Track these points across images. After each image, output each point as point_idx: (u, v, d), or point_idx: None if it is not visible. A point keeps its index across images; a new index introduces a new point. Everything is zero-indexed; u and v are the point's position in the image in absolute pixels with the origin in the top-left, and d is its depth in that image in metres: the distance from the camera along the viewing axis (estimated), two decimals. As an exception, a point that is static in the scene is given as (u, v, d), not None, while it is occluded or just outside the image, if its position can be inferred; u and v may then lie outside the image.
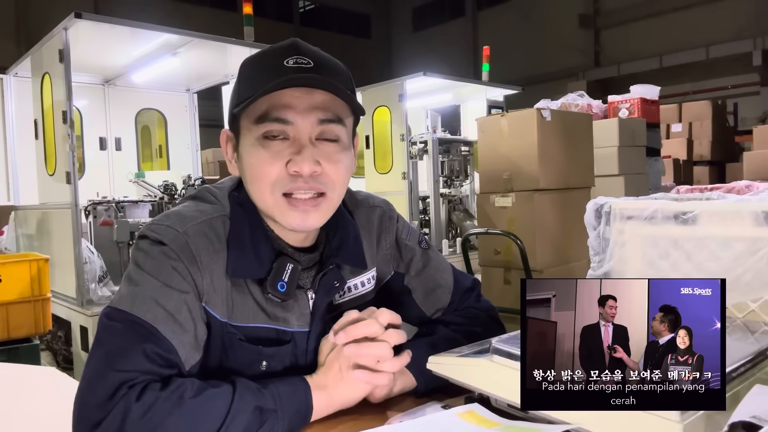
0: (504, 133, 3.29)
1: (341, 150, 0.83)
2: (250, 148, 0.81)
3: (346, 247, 0.91)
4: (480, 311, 1.01)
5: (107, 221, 3.77)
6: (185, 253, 0.78)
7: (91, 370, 0.70)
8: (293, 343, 0.86)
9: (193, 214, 0.83)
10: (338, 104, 0.81)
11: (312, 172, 0.79)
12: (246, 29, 3.97)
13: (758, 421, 0.54)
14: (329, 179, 0.82)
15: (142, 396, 0.67)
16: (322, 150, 0.81)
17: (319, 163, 0.80)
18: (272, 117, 0.79)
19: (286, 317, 0.85)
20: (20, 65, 3.94)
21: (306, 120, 0.79)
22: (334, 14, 19.19)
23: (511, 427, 0.66)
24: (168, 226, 0.80)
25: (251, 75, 0.82)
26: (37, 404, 1.24)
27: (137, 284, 0.76)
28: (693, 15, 13.67)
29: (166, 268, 0.77)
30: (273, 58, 0.80)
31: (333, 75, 0.80)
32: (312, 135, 0.80)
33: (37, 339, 2.88)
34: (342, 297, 0.92)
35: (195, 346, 0.77)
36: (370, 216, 0.99)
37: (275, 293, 0.82)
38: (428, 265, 1.01)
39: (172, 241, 0.78)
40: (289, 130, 0.79)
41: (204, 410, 0.68)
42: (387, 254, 0.99)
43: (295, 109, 0.79)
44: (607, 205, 1.28)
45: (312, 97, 0.79)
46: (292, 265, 0.83)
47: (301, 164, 0.78)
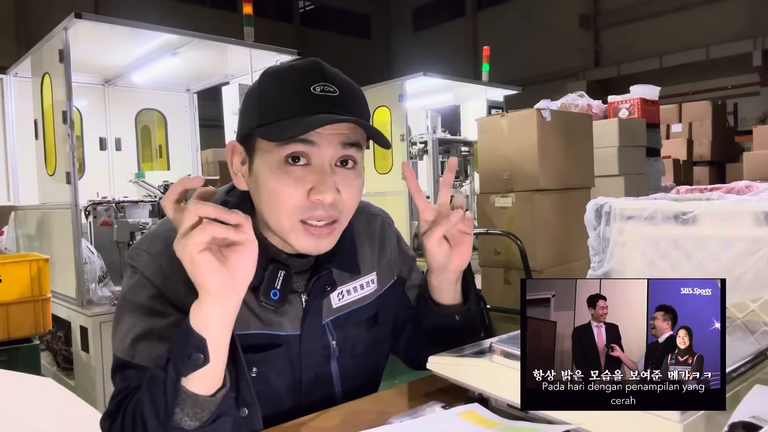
0: (504, 134, 3.29)
1: (357, 176, 0.84)
2: (270, 172, 0.79)
3: (341, 252, 0.91)
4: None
5: (107, 221, 3.77)
6: (157, 276, 0.80)
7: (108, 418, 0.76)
8: (286, 346, 0.87)
9: (167, 232, 0.80)
10: (358, 130, 0.81)
11: (333, 201, 0.79)
12: (246, 29, 3.97)
13: (758, 421, 0.54)
14: (345, 206, 0.82)
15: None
16: (341, 176, 0.81)
17: (338, 191, 0.80)
18: (299, 138, 0.77)
19: (280, 322, 0.86)
20: (20, 65, 3.94)
21: (331, 144, 0.79)
22: (334, 14, 19.19)
23: (511, 427, 0.66)
24: (142, 250, 0.83)
25: (276, 97, 0.80)
26: (32, 416, 1.23)
27: (125, 319, 0.80)
28: (693, 15, 13.67)
29: (143, 298, 0.80)
30: (298, 82, 0.79)
31: (356, 102, 0.82)
32: (333, 159, 0.80)
33: (37, 339, 2.88)
34: (341, 299, 0.93)
35: None
36: (371, 223, 1.02)
37: (268, 302, 0.83)
38: (414, 267, 1.09)
39: (145, 267, 0.81)
40: (314, 153, 0.79)
41: (142, 399, 0.71)
42: (391, 260, 1.02)
43: (321, 133, 0.78)
44: (607, 205, 1.28)
45: (338, 125, 0.79)
46: (284, 272, 0.84)
47: (324, 194, 0.78)
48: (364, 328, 0.96)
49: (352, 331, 0.94)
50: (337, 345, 0.91)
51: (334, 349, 0.91)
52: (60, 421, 0.69)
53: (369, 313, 0.97)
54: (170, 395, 0.67)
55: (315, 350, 0.89)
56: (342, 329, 0.93)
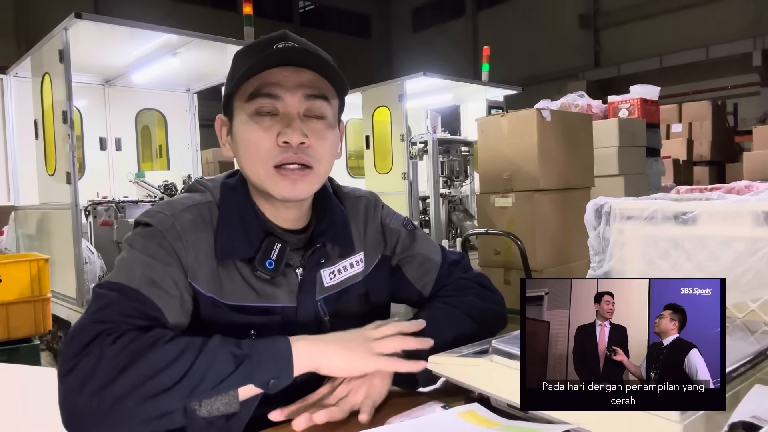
0: (504, 134, 3.29)
1: (327, 127, 0.88)
2: (243, 125, 0.86)
3: (334, 228, 0.95)
4: (468, 280, 1.04)
5: (107, 221, 3.77)
6: (171, 232, 0.83)
7: (74, 326, 0.73)
8: (282, 317, 0.89)
9: (181, 200, 0.90)
10: (324, 84, 0.87)
11: (300, 142, 0.84)
12: (246, 29, 3.98)
13: (758, 421, 0.54)
14: (316, 153, 0.86)
15: (117, 340, 0.70)
16: (310, 125, 0.86)
17: (306, 136, 0.85)
18: (263, 93, 0.84)
19: (275, 293, 0.88)
20: (20, 65, 3.94)
21: (294, 96, 0.85)
22: (334, 14, 19.19)
23: (511, 427, 0.66)
24: (157, 211, 0.87)
25: (243, 60, 0.87)
26: (35, 405, 1.24)
27: (125, 259, 0.82)
28: (693, 15, 13.67)
29: (151, 245, 0.82)
30: (263, 44, 0.87)
31: (320, 56, 0.85)
32: (300, 111, 0.86)
33: (37, 339, 2.88)
34: (333, 278, 0.95)
35: (181, 311, 0.81)
36: (356, 204, 1.04)
37: (264, 270, 0.86)
38: (415, 242, 1.05)
39: (160, 222, 0.84)
40: (279, 105, 0.85)
41: (177, 352, 0.70)
42: (373, 239, 1.03)
43: (284, 86, 0.84)
44: (607, 206, 1.28)
45: (299, 75, 0.85)
46: (280, 245, 0.88)
47: (290, 135, 0.83)
48: (355, 306, 0.98)
49: (344, 309, 0.96)
50: (329, 321, 0.93)
51: (327, 325, 0.93)
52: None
53: (358, 292, 0.98)
54: (217, 387, 0.69)
55: (309, 324, 0.91)
56: (334, 306, 0.94)
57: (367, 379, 0.79)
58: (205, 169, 6.88)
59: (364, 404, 0.76)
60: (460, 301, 0.97)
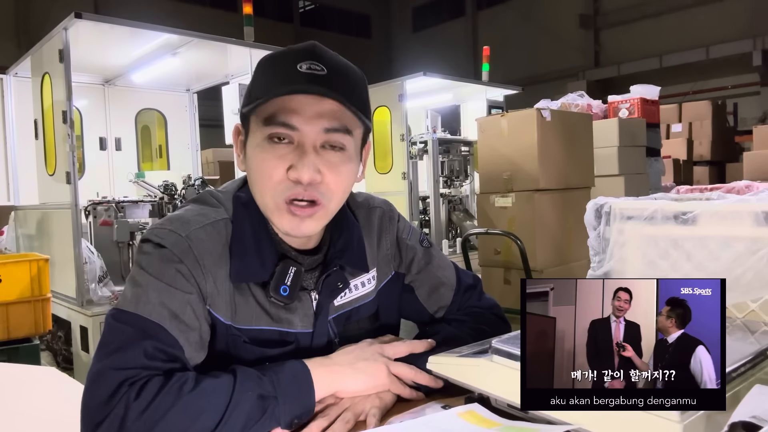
0: (504, 133, 3.29)
1: (345, 160, 0.82)
2: (256, 149, 0.81)
3: (350, 249, 0.91)
4: (483, 309, 1.01)
5: (107, 221, 3.77)
6: (188, 257, 0.79)
7: (94, 370, 0.71)
8: (296, 344, 0.86)
9: (195, 217, 0.83)
10: (347, 115, 0.80)
11: (311, 180, 0.79)
12: (246, 29, 3.97)
13: (758, 421, 0.54)
14: (328, 189, 0.81)
15: (141, 392, 0.67)
16: (326, 158, 0.80)
17: (320, 171, 0.79)
18: (279, 121, 0.78)
19: (290, 319, 0.86)
20: (20, 65, 3.94)
21: (312, 127, 0.79)
22: (334, 14, 19.17)
23: (511, 427, 0.66)
24: (170, 230, 0.80)
25: (264, 75, 0.82)
26: (37, 404, 1.24)
27: (141, 286, 0.77)
28: (693, 15, 13.66)
29: (169, 270, 0.78)
30: (287, 61, 0.79)
31: (346, 84, 0.80)
32: (317, 143, 0.80)
33: (37, 339, 2.88)
34: (343, 298, 0.92)
35: (200, 344, 0.78)
36: (371, 216, 0.99)
37: (278, 297, 0.83)
38: (430, 263, 1.01)
39: (174, 245, 0.79)
40: (295, 135, 0.79)
41: (204, 402, 0.68)
42: (387, 254, 0.99)
43: (303, 116, 0.78)
44: (607, 205, 1.28)
45: (320, 104, 0.78)
46: (294, 269, 0.84)
47: (301, 171, 0.78)
48: (365, 326, 0.96)
49: (354, 329, 0.94)
50: (339, 341, 0.91)
51: (337, 346, 0.90)
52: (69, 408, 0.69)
53: (369, 312, 0.96)
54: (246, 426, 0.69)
55: (321, 346, 0.89)
56: (343, 326, 0.92)
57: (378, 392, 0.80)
58: (205, 169, 6.88)
59: (371, 413, 0.76)
60: (472, 328, 0.94)
